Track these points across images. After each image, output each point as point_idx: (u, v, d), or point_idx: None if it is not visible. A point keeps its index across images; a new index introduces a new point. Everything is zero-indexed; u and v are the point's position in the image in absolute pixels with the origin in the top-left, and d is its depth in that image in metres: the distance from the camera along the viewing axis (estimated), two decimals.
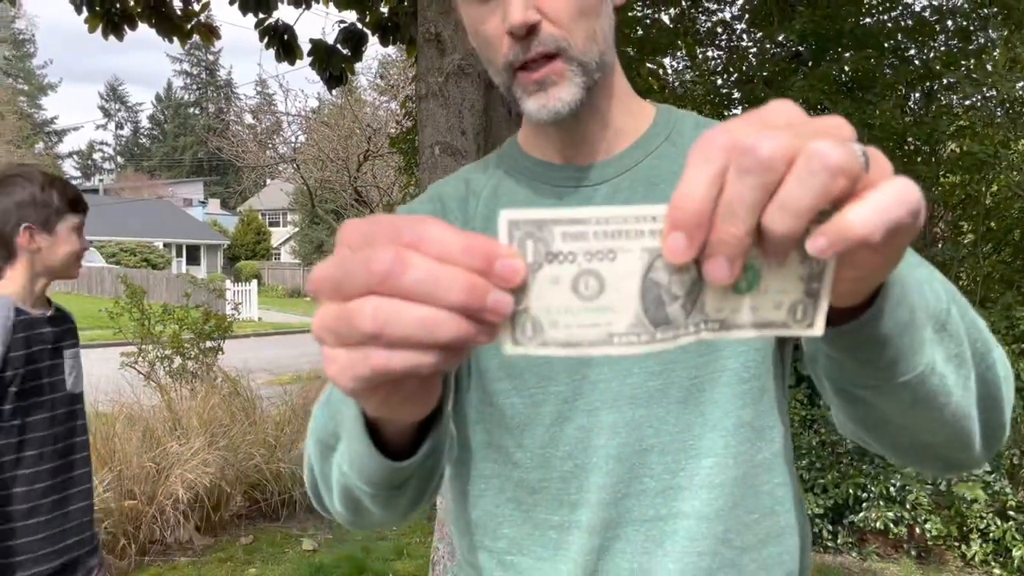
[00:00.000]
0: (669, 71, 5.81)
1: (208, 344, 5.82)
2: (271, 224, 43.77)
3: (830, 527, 4.47)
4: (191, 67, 63.05)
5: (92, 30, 5.15)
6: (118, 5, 5.13)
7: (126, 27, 5.24)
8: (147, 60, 77.78)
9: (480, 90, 2.99)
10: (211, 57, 61.89)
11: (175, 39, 5.55)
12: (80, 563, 2.01)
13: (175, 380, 5.65)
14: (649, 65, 5.53)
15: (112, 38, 5.21)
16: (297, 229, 38.60)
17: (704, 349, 0.83)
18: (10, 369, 1.82)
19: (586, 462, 0.84)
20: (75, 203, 1.97)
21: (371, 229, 0.41)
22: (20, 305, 1.88)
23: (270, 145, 18.63)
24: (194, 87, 64.35)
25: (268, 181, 32.93)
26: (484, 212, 0.93)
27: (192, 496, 4.24)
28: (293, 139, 17.19)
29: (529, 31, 0.81)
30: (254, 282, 27.43)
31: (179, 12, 5.33)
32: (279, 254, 42.21)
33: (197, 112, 62.99)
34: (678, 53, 5.86)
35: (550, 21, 0.81)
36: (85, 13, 5.07)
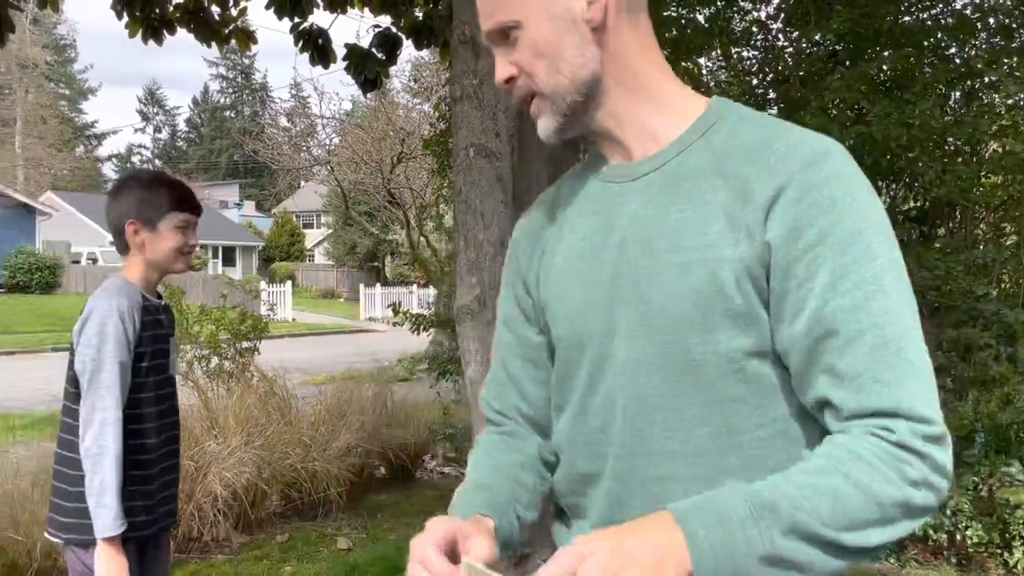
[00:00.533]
0: (704, 71, 5.78)
1: (244, 344, 5.90)
2: (305, 226, 44.20)
3: None
4: (227, 71, 63.90)
5: (132, 35, 5.23)
6: (157, 11, 5.21)
7: (165, 32, 5.32)
8: (184, 64, 79.16)
9: None
10: (247, 61, 62.66)
11: (213, 44, 5.64)
12: (164, 534, 2.24)
13: (212, 380, 5.73)
14: (686, 64, 5.50)
15: (151, 43, 5.31)
16: (331, 231, 38.93)
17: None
18: (143, 346, 2.05)
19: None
20: (181, 203, 2.11)
21: None
22: (144, 292, 2.10)
23: (304, 148, 18.83)
24: (230, 91, 65.23)
25: (302, 183, 33.28)
26: (563, 211, 1.14)
27: (229, 495, 4.30)
28: (327, 142, 17.34)
29: (508, 82, 1.04)
30: (288, 283, 27.73)
31: (217, 17, 5.41)
32: (313, 255, 42.60)
33: (233, 115, 63.81)
34: (713, 53, 5.82)
35: (521, 71, 1.02)
36: (125, 18, 5.16)
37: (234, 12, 5.44)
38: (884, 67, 4.39)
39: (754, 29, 5.74)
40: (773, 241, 0.91)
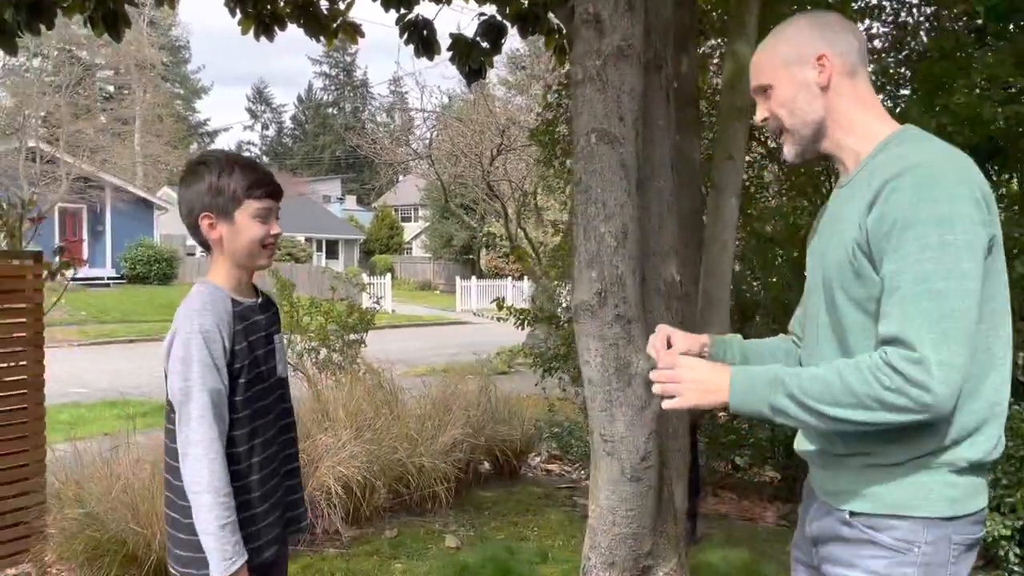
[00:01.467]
0: None
1: (352, 336, 5.92)
2: (403, 219, 44.95)
3: (1017, 550, 4.01)
4: (330, 68, 65.60)
5: (245, 32, 5.29)
6: (268, 7, 5.25)
7: (276, 28, 5.36)
8: (290, 63, 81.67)
9: (639, 73, 2.80)
10: (348, 58, 64.12)
11: (321, 39, 5.65)
12: (287, 540, 2.10)
13: (321, 371, 5.77)
14: None
15: (260, 43, 5.35)
16: (428, 224, 39.45)
17: None
18: (238, 362, 1.86)
19: None
20: (257, 186, 1.86)
21: None
22: (233, 296, 1.89)
23: (404, 141, 19.04)
24: (332, 88, 66.95)
25: (401, 177, 33.79)
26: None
27: (340, 488, 4.28)
28: (427, 135, 17.47)
29: (763, 120, 1.63)
30: (388, 275, 28.22)
31: (325, 12, 5.41)
32: (411, 248, 43.30)
33: (335, 112, 65.51)
34: None
35: (772, 115, 1.61)
36: (239, 15, 5.22)
37: (342, 6, 5.44)
38: None
39: (885, 4, 5.33)
40: (869, 225, 1.42)
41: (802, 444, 1.66)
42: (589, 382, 2.82)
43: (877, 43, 5.36)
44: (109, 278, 26.06)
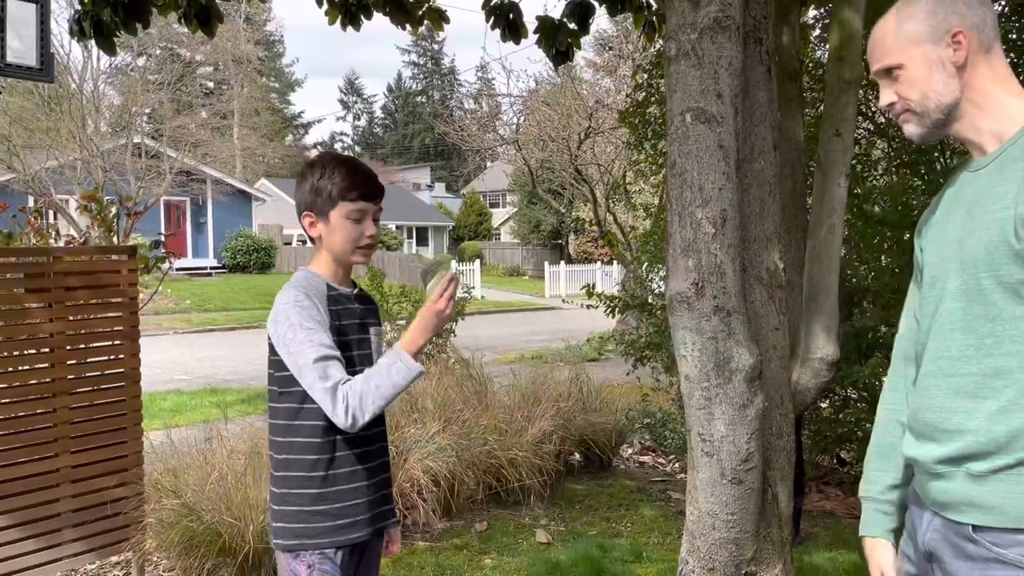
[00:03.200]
0: None
1: None
2: (491, 205, 45.14)
3: None
4: (418, 57, 66.37)
5: (331, 22, 5.29)
6: None
7: (362, 17, 5.34)
8: (379, 53, 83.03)
9: (739, 46, 2.59)
10: (436, 47, 64.67)
11: (407, 26, 5.60)
12: (383, 533, 2.13)
13: None
14: None
15: (350, 31, 5.35)
16: (516, 209, 39.46)
17: None
18: (338, 337, 1.92)
19: None
20: (350, 189, 1.95)
21: None
22: (329, 282, 1.99)
23: (492, 128, 18.98)
24: (421, 76, 67.73)
25: (488, 164, 33.89)
26: (942, 195, 1.58)
27: (429, 480, 4.24)
28: (515, 120, 17.36)
29: (889, 106, 1.52)
30: (477, 261, 28.36)
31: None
32: (499, 234, 43.46)
33: (424, 100, 66.26)
34: None
35: (900, 98, 1.49)
36: (324, 6, 5.22)
37: None
38: None
39: None
40: None
41: (912, 449, 1.52)
42: (686, 378, 2.65)
43: (997, 7, 4.93)
44: (211, 268, 27.11)
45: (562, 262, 30.23)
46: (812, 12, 5.27)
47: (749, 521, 2.71)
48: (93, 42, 4.63)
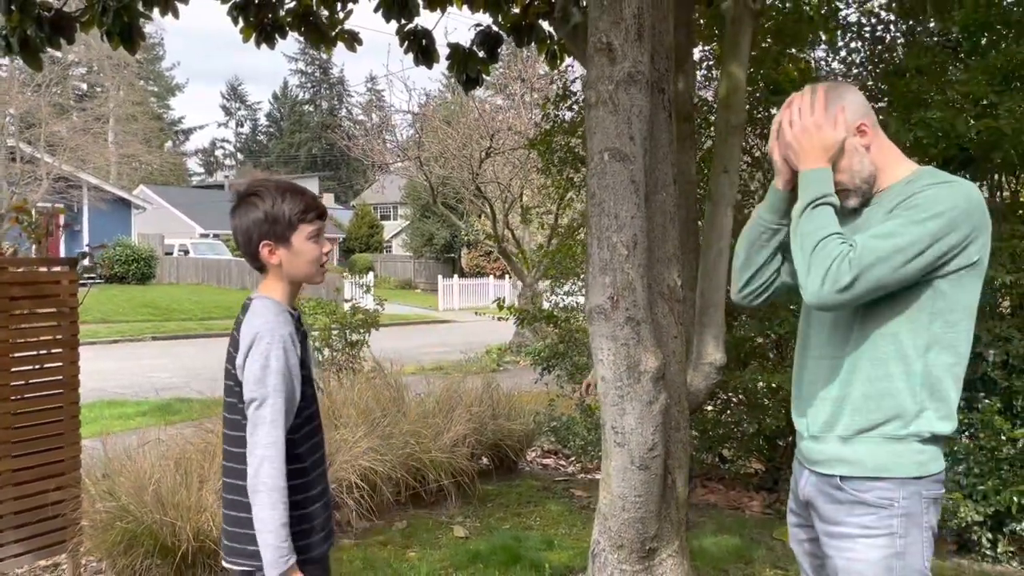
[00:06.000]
0: (813, 62, 5.70)
1: (354, 336, 6.13)
2: (383, 217, 45.00)
3: (989, 535, 4.33)
4: (306, 66, 65.37)
5: (246, 39, 5.45)
6: (270, 16, 5.42)
7: (277, 36, 5.54)
8: (264, 60, 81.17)
9: (647, 96, 3.05)
10: (324, 55, 63.88)
11: (321, 47, 5.83)
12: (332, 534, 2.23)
13: (324, 371, 5.97)
14: (791, 51, 5.44)
15: (237, 37, 5.49)
16: (408, 222, 39.55)
17: None
18: (303, 369, 2.05)
19: None
20: (307, 212, 2.02)
21: None
22: (288, 309, 2.06)
23: (390, 142, 19.18)
24: (309, 85, 66.71)
25: (379, 177, 33.88)
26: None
27: (353, 482, 4.50)
28: (412, 135, 17.62)
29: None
30: (370, 274, 28.30)
31: (324, 21, 5.59)
32: (390, 247, 43.37)
33: (311, 109, 65.28)
34: (819, 45, 5.73)
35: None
36: (241, 24, 5.38)
37: (341, 15, 5.63)
38: (1012, 59, 4.26)
39: (863, 20, 5.63)
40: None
41: (796, 417, 2.00)
42: (602, 379, 3.07)
43: (855, 57, 5.66)
44: (87, 278, 25.92)
45: (455, 275, 30.59)
46: (698, 53, 5.87)
47: (653, 503, 3.15)
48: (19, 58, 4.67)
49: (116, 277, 26.16)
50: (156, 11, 5.26)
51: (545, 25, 5.49)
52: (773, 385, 5.13)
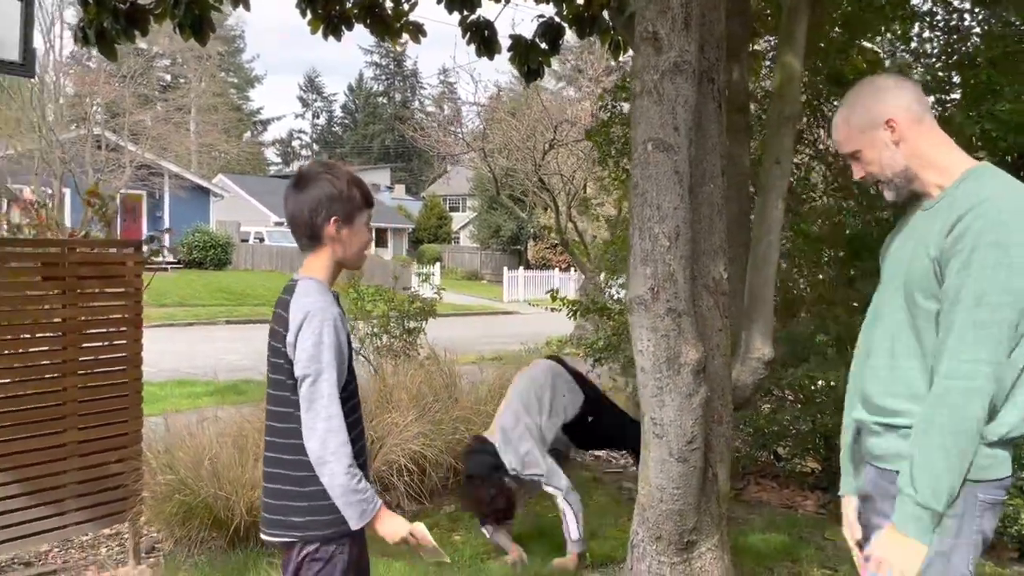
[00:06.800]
0: (884, 53, 5.53)
1: (412, 324, 6.23)
2: (451, 209, 45.41)
3: None
4: (380, 58, 66.30)
5: (314, 31, 5.59)
6: (337, 8, 5.55)
7: (343, 28, 5.66)
8: (340, 52, 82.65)
9: (694, 86, 3.02)
10: (399, 48, 64.68)
11: (386, 39, 5.94)
12: None
13: (381, 357, 6.09)
14: (860, 42, 5.30)
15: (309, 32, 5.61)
16: (476, 214, 39.84)
17: None
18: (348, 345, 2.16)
19: None
20: (368, 199, 2.18)
21: None
22: (332, 290, 2.16)
23: (456, 133, 19.35)
24: (383, 77, 67.70)
25: (448, 168, 34.24)
26: (896, 231, 2.07)
27: (403, 465, 4.59)
28: (479, 127, 17.76)
29: (862, 177, 2.01)
30: (437, 264, 28.66)
31: (389, 12, 5.68)
32: (459, 238, 43.75)
33: (385, 101, 66.25)
34: (889, 35, 5.56)
35: (867, 173, 1.98)
36: (309, 16, 5.52)
37: (406, 7, 5.72)
38: None
39: (936, 9, 5.43)
40: (945, 244, 1.77)
41: (859, 413, 2.00)
42: (642, 370, 3.07)
43: (928, 47, 5.47)
44: (167, 263, 26.94)
45: (521, 267, 30.70)
46: (760, 44, 5.76)
47: (692, 495, 3.13)
48: (95, 48, 4.90)
49: (194, 262, 27.09)
50: (228, 3, 5.46)
51: (607, 15, 5.47)
52: (832, 383, 5.03)
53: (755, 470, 5.72)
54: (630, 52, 6.55)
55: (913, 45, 5.38)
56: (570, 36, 6.25)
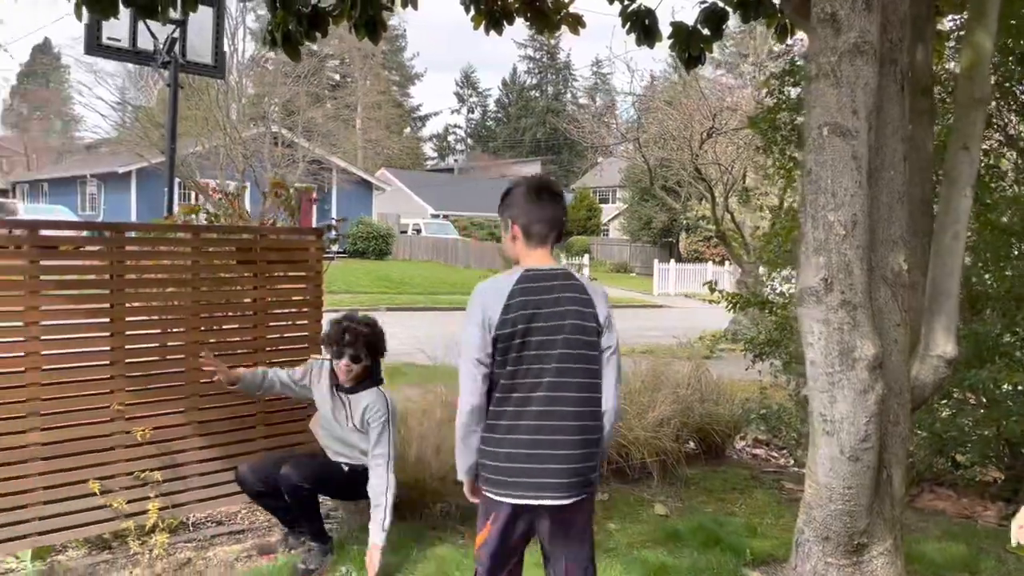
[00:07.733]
0: None
1: None
2: (601, 201, 45.30)
3: None
4: (534, 51, 66.98)
5: (476, 27, 5.73)
6: (499, 3, 5.67)
7: (505, 22, 5.78)
8: (496, 47, 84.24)
9: (875, 68, 2.89)
10: (552, 41, 65.08)
11: (545, 31, 6.00)
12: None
13: None
14: None
15: (467, 29, 5.74)
16: (626, 206, 39.50)
17: None
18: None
19: None
20: None
21: None
22: None
23: (606, 124, 19.26)
24: (536, 70, 68.33)
25: (600, 160, 34.12)
26: None
27: None
28: (633, 117, 17.60)
29: None
30: (586, 256, 28.67)
31: (549, 5, 5.74)
32: (607, 230, 43.58)
33: (537, 95, 66.87)
34: None
35: None
36: (472, 12, 5.68)
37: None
38: None
39: None
40: None
41: None
42: (811, 363, 2.97)
43: None
44: (334, 252, 28.50)
45: (672, 260, 30.18)
46: (948, 23, 5.38)
47: (864, 496, 3.00)
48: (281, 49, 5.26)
49: (358, 252, 28.56)
50: (398, 3, 5.72)
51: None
52: (1020, 387, 4.65)
53: (931, 477, 5.38)
54: (796, 35, 6.30)
55: None
56: (732, 23, 6.07)
